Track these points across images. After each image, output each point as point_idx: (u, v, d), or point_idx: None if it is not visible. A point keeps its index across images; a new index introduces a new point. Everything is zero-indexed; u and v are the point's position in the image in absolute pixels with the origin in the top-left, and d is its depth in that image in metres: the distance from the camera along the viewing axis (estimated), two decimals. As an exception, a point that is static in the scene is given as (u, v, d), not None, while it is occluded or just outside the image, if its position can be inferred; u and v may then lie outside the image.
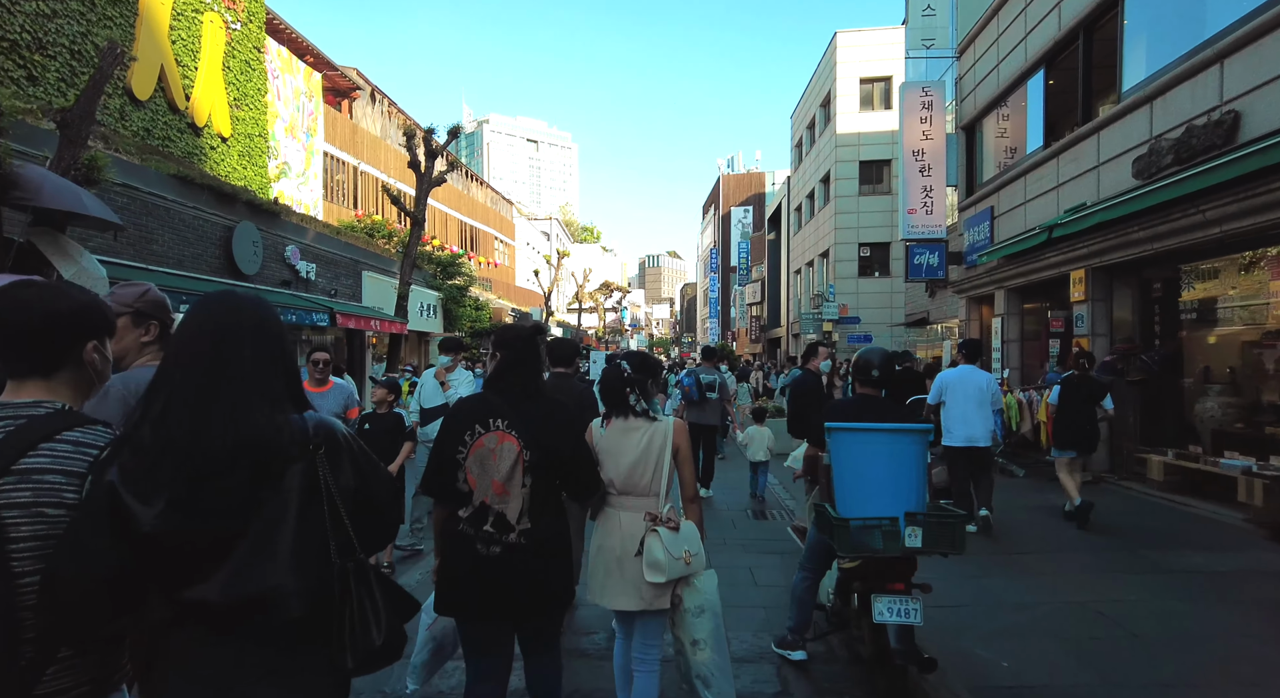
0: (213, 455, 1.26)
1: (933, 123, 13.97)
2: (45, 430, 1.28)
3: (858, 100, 26.51)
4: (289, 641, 1.32)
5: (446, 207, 34.34)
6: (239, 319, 1.39)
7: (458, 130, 15.54)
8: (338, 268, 14.48)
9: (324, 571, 1.33)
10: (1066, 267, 9.67)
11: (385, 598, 1.42)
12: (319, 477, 1.35)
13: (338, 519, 1.36)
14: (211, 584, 1.24)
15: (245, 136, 17.30)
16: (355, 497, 1.42)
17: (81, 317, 1.39)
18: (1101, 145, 8.86)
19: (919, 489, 3.17)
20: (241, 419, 1.30)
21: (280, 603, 1.27)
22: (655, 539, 2.53)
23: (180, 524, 1.23)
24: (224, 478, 1.26)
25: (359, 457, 1.45)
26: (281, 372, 1.41)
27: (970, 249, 13.24)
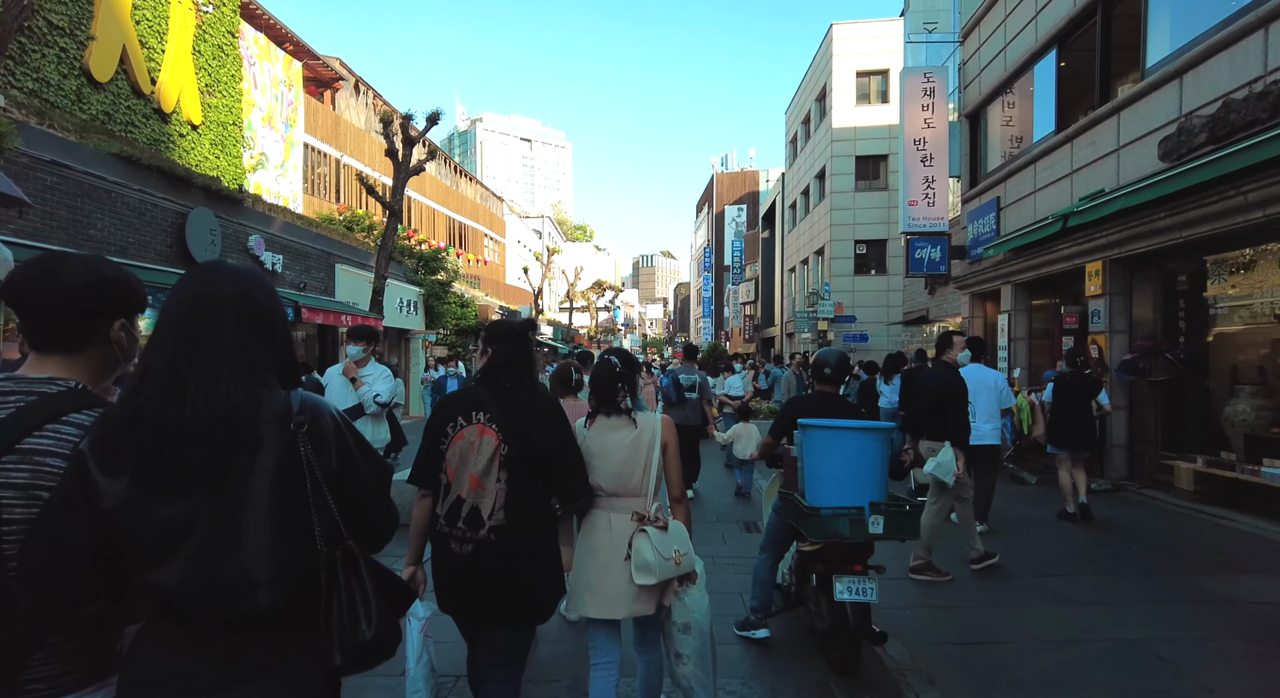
0: (181, 428, 1.19)
1: (934, 110, 13.33)
2: (53, 410, 1.24)
3: (854, 94, 25.89)
4: (263, 637, 1.24)
5: (434, 202, 33.59)
6: (221, 289, 1.30)
7: (436, 117, 14.81)
8: (308, 260, 13.72)
9: (305, 558, 1.24)
10: (1082, 259, 9.02)
11: (377, 588, 1.31)
12: (301, 456, 1.25)
13: (323, 503, 1.27)
14: (173, 568, 1.17)
15: (218, 125, 16.54)
16: (340, 484, 1.31)
17: (113, 292, 1.34)
18: (1122, 127, 8.22)
19: (881, 482, 3.49)
20: (214, 391, 1.22)
21: (246, 592, 1.19)
22: (644, 540, 2.45)
23: (143, 500, 1.17)
24: (192, 452, 1.18)
25: (347, 441, 1.35)
26: (268, 345, 1.32)
27: (974, 242, 12.61)
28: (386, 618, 1.31)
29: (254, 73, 19.20)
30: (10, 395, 1.24)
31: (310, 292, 13.58)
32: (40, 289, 1.27)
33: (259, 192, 18.89)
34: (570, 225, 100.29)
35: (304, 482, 1.25)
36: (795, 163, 32.23)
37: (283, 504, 1.23)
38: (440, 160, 35.42)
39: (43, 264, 1.29)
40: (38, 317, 1.29)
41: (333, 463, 1.30)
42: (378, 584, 1.32)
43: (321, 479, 1.26)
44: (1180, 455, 7.53)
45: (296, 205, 20.38)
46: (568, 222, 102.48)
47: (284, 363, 1.35)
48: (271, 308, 1.37)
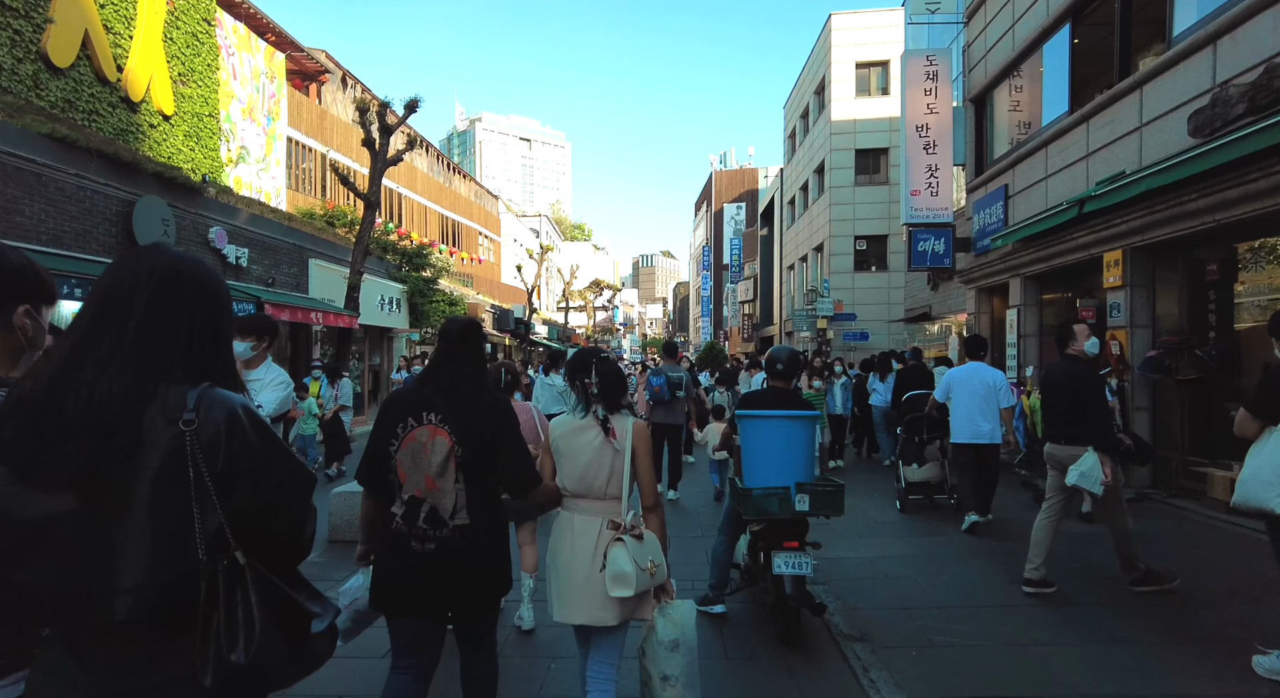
0: (60, 420, 1.12)
1: (938, 95, 12.63)
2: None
3: (853, 86, 25.19)
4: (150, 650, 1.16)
5: (426, 199, 32.89)
6: (138, 272, 1.24)
7: (415, 104, 14.13)
8: (278, 255, 13.03)
9: (181, 567, 1.15)
10: (1099, 248, 8.32)
11: (265, 608, 1.17)
12: (185, 453, 1.15)
13: (208, 507, 1.16)
14: (39, 567, 1.11)
15: (192, 116, 15.86)
16: (228, 489, 1.20)
17: (15, 279, 1.35)
18: (1145, 102, 7.51)
19: (808, 464, 3.91)
20: (99, 383, 1.15)
21: (103, 600, 1.11)
22: (621, 549, 2.38)
23: (17, 492, 1.12)
24: (64, 445, 1.12)
25: (241, 442, 1.21)
26: (181, 335, 1.24)
27: (980, 234, 11.90)
28: (271, 643, 1.16)
29: (233, 63, 18.52)
30: None
31: (279, 288, 12.89)
32: None
33: (240, 187, 18.23)
34: (568, 224, 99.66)
35: (188, 485, 1.16)
36: (794, 158, 31.53)
37: (161, 508, 1.15)
38: (433, 157, 34.76)
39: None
40: None
41: (218, 464, 1.19)
42: (267, 603, 1.19)
43: (209, 483, 1.17)
44: (1213, 462, 6.83)
45: (280, 200, 19.72)
46: (566, 220, 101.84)
47: (201, 355, 1.27)
48: (197, 295, 1.29)
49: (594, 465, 2.49)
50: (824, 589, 4.66)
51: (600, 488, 2.50)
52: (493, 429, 2.28)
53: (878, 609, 4.38)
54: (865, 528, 6.53)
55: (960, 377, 6.30)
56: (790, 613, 3.82)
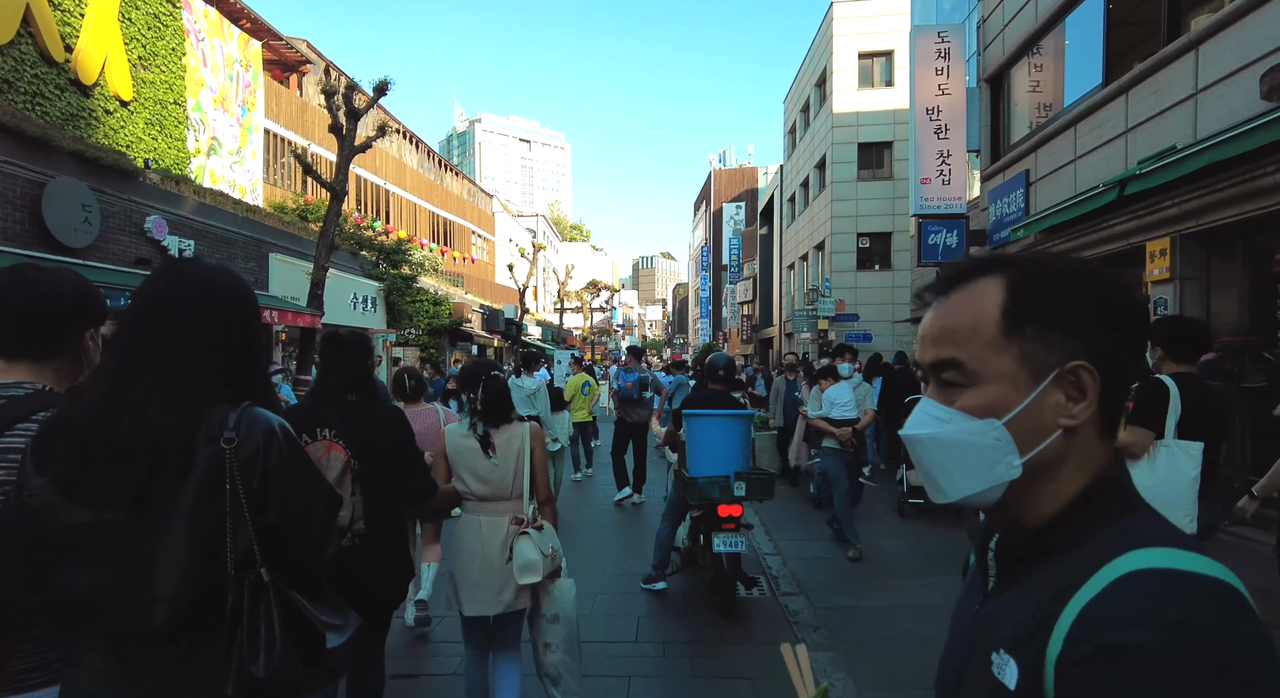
0: (110, 446, 1.16)
1: (950, 75, 11.59)
2: (22, 411, 1.28)
3: (856, 77, 24.16)
4: (182, 656, 1.20)
5: (416, 196, 31.91)
6: (175, 296, 1.26)
7: (384, 87, 13.08)
8: (233, 248, 11.99)
9: (212, 580, 1.19)
10: (1142, 236, 7.28)
11: (285, 626, 1.23)
12: (225, 471, 1.20)
13: (241, 523, 1.21)
14: (80, 572, 1.17)
15: (154, 102, 14.85)
16: (261, 507, 1.24)
17: (82, 303, 1.37)
18: (1202, 65, 6.47)
19: (744, 456, 4.63)
20: (150, 413, 1.18)
21: (143, 607, 1.16)
22: (527, 542, 2.59)
23: (59, 502, 1.16)
24: (115, 472, 1.16)
25: (274, 460, 1.26)
26: (221, 357, 1.27)
27: (997, 225, 10.86)
28: (288, 658, 1.22)
29: (202, 49, 17.50)
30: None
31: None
32: (10, 298, 1.31)
33: (213, 180, 17.20)
34: (566, 225, 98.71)
35: (224, 501, 1.20)
36: (794, 153, 30.50)
37: (198, 522, 1.18)
38: (423, 153, 33.77)
39: (14, 273, 1.34)
40: (9, 324, 1.32)
41: (254, 482, 1.23)
42: (287, 621, 1.24)
43: (244, 500, 1.21)
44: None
45: (256, 195, 18.73)
46: (564, 221, 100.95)
47: (242, 376, 1.31)
48: (239, 313, 1.32)
49: (499, 468, 2.70)
50: (841, 658, 3.73)
51: (507, 490, 2.72)
52: (388, 442, 2.34)
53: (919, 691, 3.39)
54: (876, 563, 5.53)
55: None
56: (727, 586, 4.43)
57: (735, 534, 4.38)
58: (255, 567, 1.22)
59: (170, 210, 10.43)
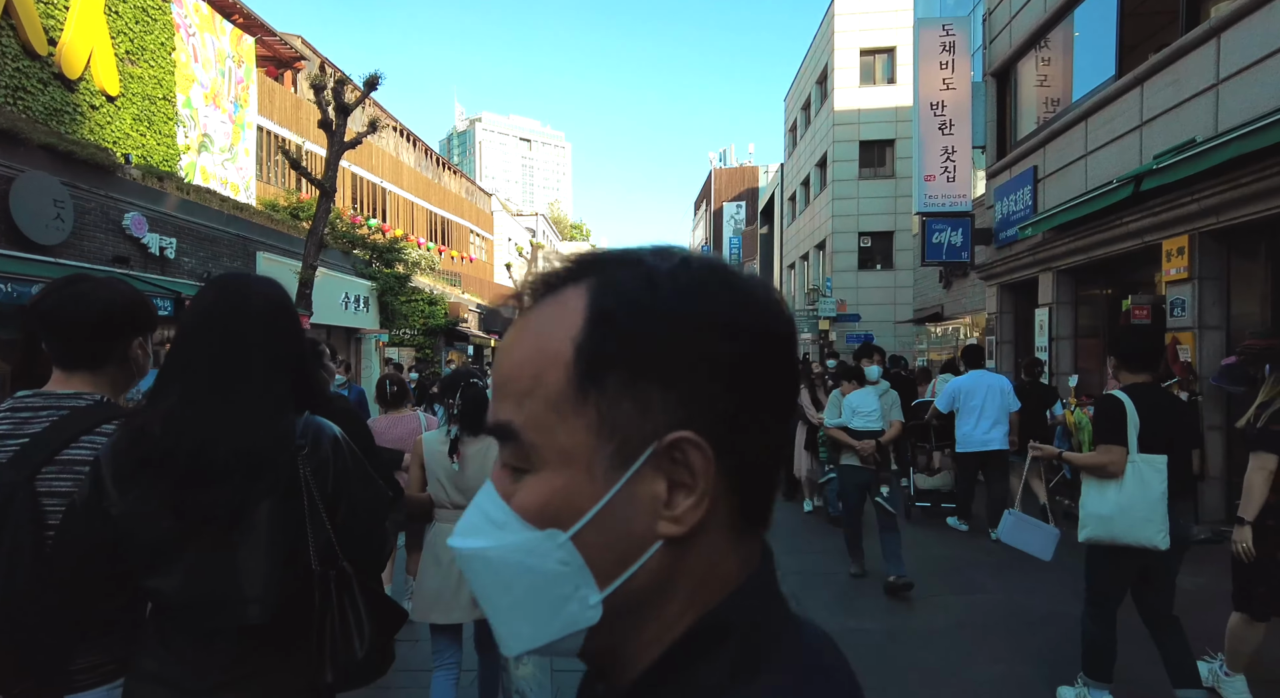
0: (212, 468, 1.20)
1: (955, 68, 11.28)
2: (86, 423, 1.32)
3: (858, 74, 23.84)
4: (260, 648, 1.26)
5: (413, 195, 31.63)
6: (249, 311, 1.29)
7: (375, 81, 12.79)
8: (218, 246, 11.68)
9: (298, 577, 1.26)
10: (1157, 234, 6.96)
11: (370, 609, 1.32)
12: (299, 477, 1.27)
13: (318, 524, 1.28)
14: (171, 576, 1.21)
15: (143, 98, 14.57)
16: (334, 506, 1.32)
17: (134, 313, 1.42)
18: (1224, 54, 6.14)
19: None
20: (246, 433, 1.23)
21: (236, 607, 1.21)
22: None
23: (150, 513, 1.20)
24: (216, 493, 1.21)
25: (345, 463, 1.36)
26: (290, 369, 1.33)
27: (1003, 224, 10.55)
28: (378, 639, 1.32)
29: (193, 44, 17.21)
30: (42, 411, 1.32)
31: (219, 283, 11.54)
32: (69, 311, 1.35)
33: (205, 178, 16.90)
34: (567, 224, 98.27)
35: (301, 503, 1.26)
36: (794, 152, 30.18)
37: (280, 524, 1.24)
38: (421, 151, 33.48)
39: (70, 286, 1.37)
40: (65, 336, 1.37)
41: (328, 485, 1.30)
42: (371, 606, 1.32)
43: (319, 501, 1.27)
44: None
45: (249, 193, 18.44)
46: (564, 220, 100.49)
47: (303, 386, 1.35)
48: (294, 326, 1.37)
49: (476, 477, 2.66)
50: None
51: None
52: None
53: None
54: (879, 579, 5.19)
55: (967, 386, 6.31)
56: None
57: None
58: (337, 561, 1.28)
59: (151, 207, 10.12)
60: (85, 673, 1.29)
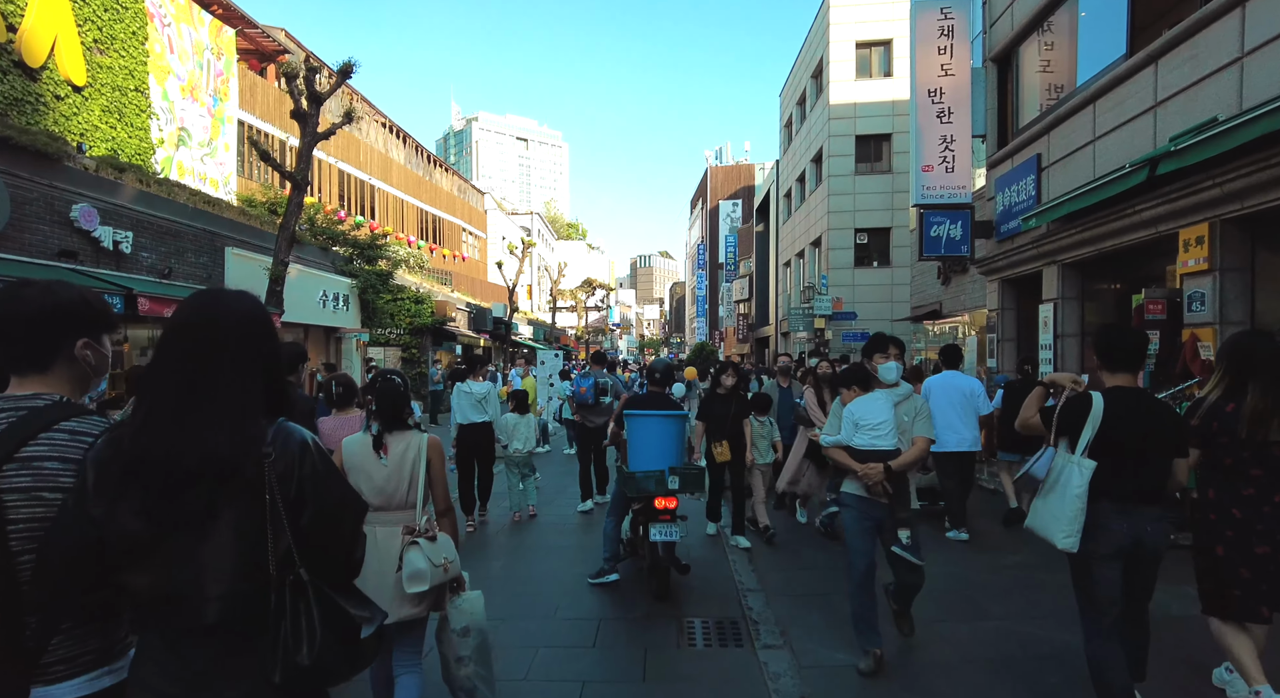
0: (180, 474, 1.27)
1: (954, 54, 10.76)
2: (44, 421, 1.36)
3: (854, 67, 23.33)
4: (233, 649, 1.32)
5: (402, 192, 31.09)
6: (218, 323, 1.36)
7: (349, 69, 12.25)
8: (181, 241, 11.13)
9: (257, 580, 1.30)
10: (1173, 223, 6.45)
11: (325, 617, 1.35)
12: (265, 483, 1.31)
13: (279, 528, 1.32)
14: (141, 573, 1.28)
15: (112, 89, 14.02)
16: (297, 513, 1.35)
17: (70, 314, 1.44)
18: (1249, 25, 5.63)
19: (678, 452, 5.01)
20: (212, 439, 1.29)
21: (198, 605, 1.27)
22: (416, 551, 2.61)
23: (123, 515, 1.27)
24: (185, 496, 1.27)
25: (308, 469, 1.38)
26: (261, 377, 1.39)
27: (1004, 215, 10.04)
28: (330, 646, 1.33)
29: (168, 35, 16.66)
30: (3, 411, 1.37)
31: (183, 280, 10.98)
32: (3, 314, 1.39)
33: (182, 173, 16.36)
34: (562, 223, 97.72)
35: (264, 510, 1.30)
36: (790, 148, 29.67)
37: (243, 529, 1.29)
38: (411, 148, 32.93)
39: (10, 291, 1.41)
40: (4, 339, 1.41)
41: (292, 490, 1.34)
42: (326, 614, 1.34)
43: (281, 507, 1.31)
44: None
45: (229, 189, 17.90)
46: (560, 219, 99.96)
47: (274, 394, 1.41)
48: (267, 335, 1.42)
49: (393, 478, 2.74)
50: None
51: (401, 498, 2.76)
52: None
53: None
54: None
55: (937, 384, 6.39)
56: (662, 572, 4.75)
57: (670, 524, 4.76)
58: (295, 568, 1.33)
59: (105, 199, 9.56)
60: (61, 665, 1.33)
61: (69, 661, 1.34)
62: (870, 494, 3.67)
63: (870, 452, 3.67)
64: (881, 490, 3.62)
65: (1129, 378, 2.93)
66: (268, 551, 1.29)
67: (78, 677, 1.35)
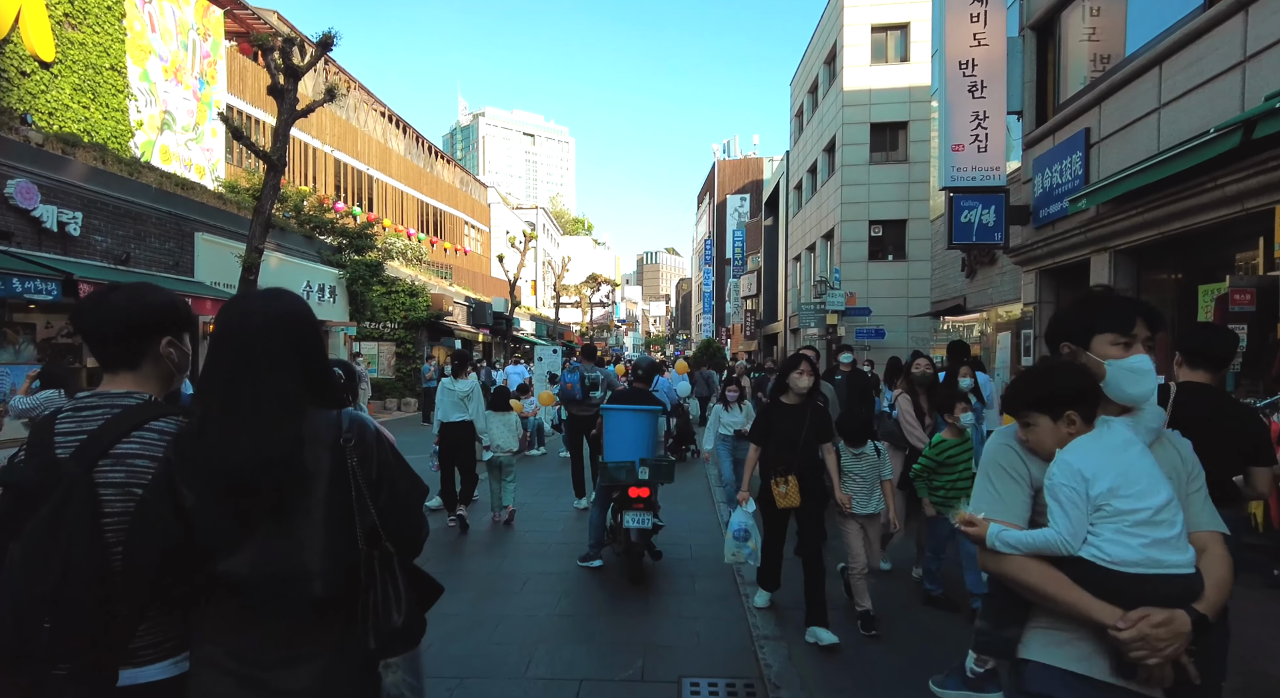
0: (240, 474, 1.36)
1: (987, 21, 9.76)
2: (136, 419, 1.46)
3: (869, 52, 22.29)
4: (314, 623, 1.42)
5: (402, 183, 30.26)
6: (259, 330, 1.45)
7: (329, 41, 11.38)
8: (143, 224, 10.26)
9: (349, 556, 1.41)
10: (1266, 198, 5.47)
11: (408, 584, 1.47)
12: (347, 467, 1.43)
13: (364, 509, 1.43)
14: (240, 559, 1.37)
15: (85, 66, 13.19)
16: (377, 492, 1.47)
17: (157, 315, 1.56)
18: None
19: (650, 444, 5.35)
20: (265, 440, 1.38)
21: (302, 583, 1.38)
22: None
23: (214, 506, 1.37)
24: (249, 496, 1.37)
25: (385, 454, 1.52)
26: (305, 373, 1.48)
27: (1044, 199, 9.05)
28: (415, 611, 1.47)
29: (149, 12, 15.82)
30: (98, 409, 1.48)
31: (144, 266, 10.12)
32: (95, 317, 1.52)
33: (167, 158, 15.55)
34: (568, 218, 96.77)
35: (349, 490, 1.42)
36: (801, 138, 28.64)
37: (333, 509, 1.41)
38: (411, 139, 32.08)
39: (98, 296, 1.54)
40: (98, 340, 1.53)
41: (372, 472, 1.47)
42: (409, 581, 1.48)
43: (364, 488, 1.44)
44: None
45: (217, 177, 17.09)
46: (566, 214, 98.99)
47: (321, 384, 1.52)
48: (309, 332, 1.53)
49: None
50: None
51: None
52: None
53: None
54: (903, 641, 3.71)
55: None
56: (635, 557, 5.13)
57: (643, 513, 5.03)
58: (381, 542, 1.43)
59: (50, 175, 8.69)
60: (148, 649, 1.43)
61: (154, 646, 1.43)
62: (1124, 678, 1.54)
63: (1145, 579, 1.52)
64: (1164, 676, 1.50)
65: (1207, 376, 2.80)
66: (356, 528, 1.40)
67: (162, 660, 1.44)
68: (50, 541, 1.29)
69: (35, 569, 1.28)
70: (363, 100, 27.68)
